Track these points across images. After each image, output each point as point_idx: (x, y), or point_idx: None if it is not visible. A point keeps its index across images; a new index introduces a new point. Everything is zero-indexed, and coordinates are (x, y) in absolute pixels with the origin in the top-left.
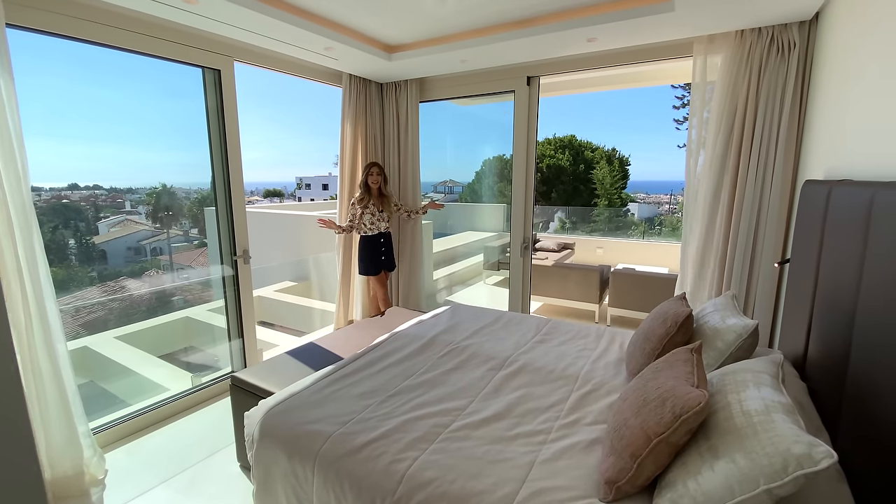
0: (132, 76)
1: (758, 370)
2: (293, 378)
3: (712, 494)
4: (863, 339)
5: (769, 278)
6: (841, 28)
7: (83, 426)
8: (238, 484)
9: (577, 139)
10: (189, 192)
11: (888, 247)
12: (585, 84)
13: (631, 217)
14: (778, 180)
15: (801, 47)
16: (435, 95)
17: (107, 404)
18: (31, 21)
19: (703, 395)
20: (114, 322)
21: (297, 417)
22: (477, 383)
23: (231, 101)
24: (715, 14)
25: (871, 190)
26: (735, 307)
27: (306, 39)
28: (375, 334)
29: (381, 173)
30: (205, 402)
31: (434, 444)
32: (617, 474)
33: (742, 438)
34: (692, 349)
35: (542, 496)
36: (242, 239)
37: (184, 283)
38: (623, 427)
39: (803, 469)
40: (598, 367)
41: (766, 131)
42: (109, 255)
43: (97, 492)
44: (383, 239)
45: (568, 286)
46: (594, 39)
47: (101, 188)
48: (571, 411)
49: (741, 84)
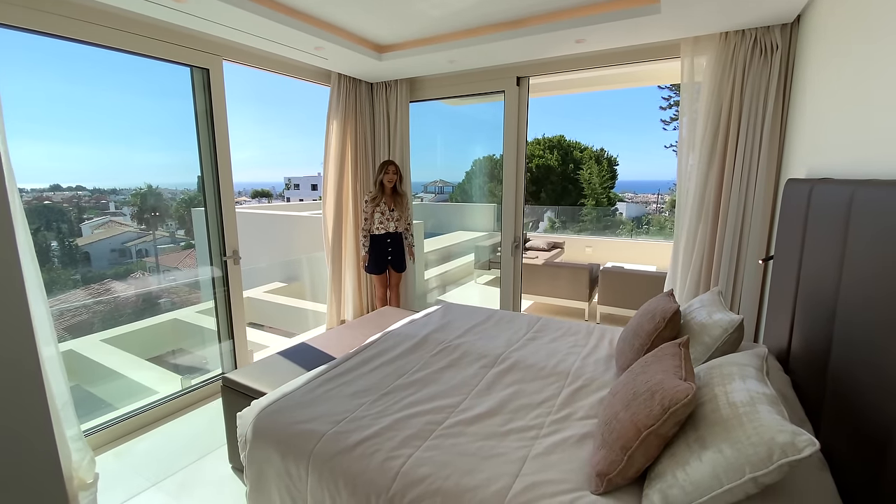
0: (118, 75)
1: (743, 363)
2: (285, 378)
3: (700, 483)
4: (843, 333)
5: (754, 275)
6: (820, 30)
7: (74, 430)
8: (230, 485)
9: (566, 139)
10: (175, 193)
11: (866, 244)
12: (574, 84)
13: (619, 216)
14: (762, 179)
15: (783, 49)
16: (425, 95)
17: (94, 408)
18: (15, 19)
19: (691, 388)
20: (99, 325)
21: (290, 417)
22: (469, 381)
23: (220, 100)
24: (700, 16)
25: (851, 188)
26: (721, 303)
27: (296, 39)
28: (367, 334)
29: (397, 171)
30: (195, 404)
31: (428, 441)
32: (608, 466)
33: (728, 429)
34: (679, 344)
35: (535, 490)
36: (232, 239)
37: (171, 285)
38: (614, 420)
39: (787, 457)
40: (589, 363)
41: (751, 131)
42: (93, 257)
43: (87, 496)
44: (390, 239)
45: (558, 285)
46: (582, 41)
47: (84, 189)
48: (563, 406)
49: (726, 85)
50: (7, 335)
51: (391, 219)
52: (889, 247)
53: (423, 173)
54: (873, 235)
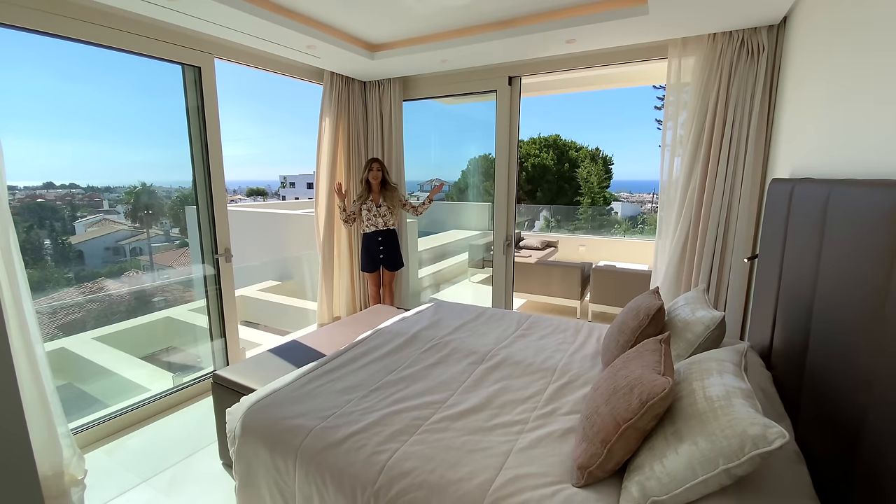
0: (112, 73)
1: (722, 359)
2: (275, 375)
3: (676, 475)
4: (819, 329)
5: (740, 273)
6: (804, 32)
7: (62, 427)
8: (220, 481)
9: (562, 139)
10: (170, 191)
11: (840, 241)
12: (568, 84)
13: (614, 216)
14: (748, 178)
15: (769, 50)
16: (418, 94)
17: (86, 406)
18: (9, 17)
19: (668, 382)
20: (92, 323)
21: (279, 412)
22: (458, 377)
23: (212, 98)
24: (687, 17)
25: (828, 187)
26: (705, 300)
27: (288, 37)
28: (359, 331)
29: (380, 168)
30: (186, 401)
31: (414, 435)
32: (588, 460)
33: (703, 422)
34: (661, 340)
35: (518, 482)
36: (224, 237)
37: (164, 283)
38: (594, 414)
39: (758, 449)
40: (576, 359)
41: (737, 131)
42: (87, 255)
43: (77, 492)
44: (381, 237)
45: (551, 283)
46: (573, 41)
47: (77, 187)
48: (548, 402)
49: (713, 85)
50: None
51: (378, 215)
52: (858, 243)
53: (420, 172)
54: (845, 232)
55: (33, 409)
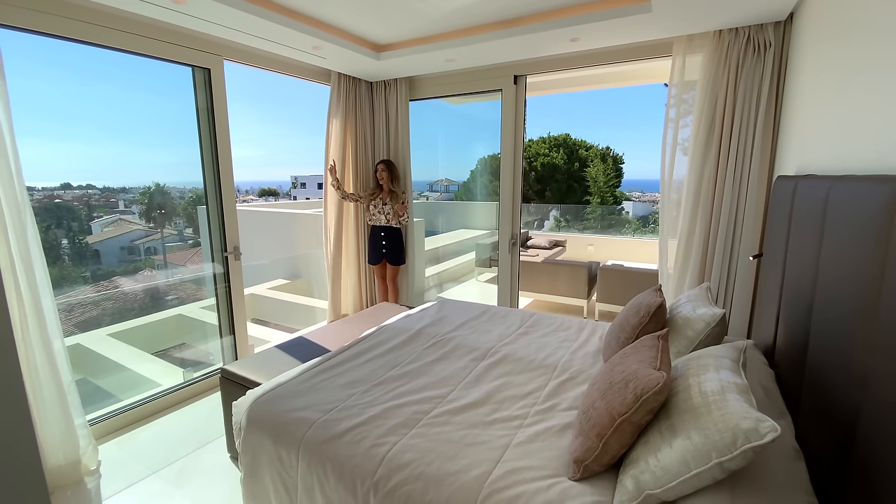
0: (123, 75)
1: (720, 355)
2: (281, 370)
3: (670, 469)
4: (819, 326)
5: (746, 271)
6: (810, 28)
7: (79, 418)
8: (227, 473)
9: (572, 138)
10: (183, 192)
11: (838, 237)
12: (575, 83)
13: (625, 215)
14: (755, 176)
15: (776, 47)
16: (424, 94)
17: (99, 400)
18: (22, 21)
19: (662, 377)
20: (107, 320)
21: (284, 405)
22: (459, 373)
23: (221, 99)
24: (690, 15)
25: (829, 183)
26: (708, 298)
27: (294, 39)
28: (364, 328)
29: (385, 169)
30: (196, 396)
31: (414, 429)
32: (584, 453)
33: (698, 417)
34: (658, 336)
35: (514, 475)
36: (233, 236)
37: (177, 282)
38: (591, 409)
39: (750, 443)
40: (578, 356)
41: (744, 128)
42: (103, 254)
43: (92, 481)
44: (384, 233)
45: (557, 282)
46: (577, 39)
47: (94, 188)
48: (548, 398)
49: (720, 83)
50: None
51: (382, 212)
52: (854, 239)
53: (429, 172)
54: (842, 228)
55: (51, 401)
